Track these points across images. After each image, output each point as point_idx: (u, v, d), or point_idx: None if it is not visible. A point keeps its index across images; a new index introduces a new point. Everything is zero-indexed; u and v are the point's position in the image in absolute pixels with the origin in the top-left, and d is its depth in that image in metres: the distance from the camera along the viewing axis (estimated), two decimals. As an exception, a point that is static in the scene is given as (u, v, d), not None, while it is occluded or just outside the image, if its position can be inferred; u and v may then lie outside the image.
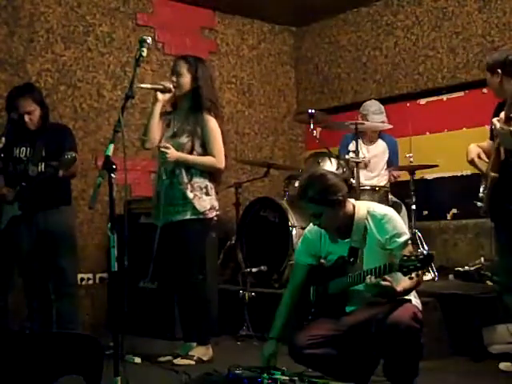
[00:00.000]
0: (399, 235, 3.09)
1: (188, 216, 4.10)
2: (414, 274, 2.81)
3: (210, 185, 4.19)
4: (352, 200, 3.25)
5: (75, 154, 4.14)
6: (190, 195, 4.10)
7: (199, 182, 4.15)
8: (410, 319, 2.93)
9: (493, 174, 3.60)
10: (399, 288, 2.96)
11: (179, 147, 4.12)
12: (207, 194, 4.17)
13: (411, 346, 2.97)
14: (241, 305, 4.89)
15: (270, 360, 3.28)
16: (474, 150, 3.80)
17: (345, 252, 3.18)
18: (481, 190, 3.75)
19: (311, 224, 3.32)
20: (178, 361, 4.10)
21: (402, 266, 2.81)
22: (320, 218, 3.13)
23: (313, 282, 3.34)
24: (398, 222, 3.15)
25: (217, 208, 4.23)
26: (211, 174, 4.22)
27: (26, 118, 4.33)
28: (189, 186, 4.11)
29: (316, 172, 3.26)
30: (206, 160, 4.15)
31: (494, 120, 3.55)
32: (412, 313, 2.96)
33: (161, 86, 4.11)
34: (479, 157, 3.73)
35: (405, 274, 2.82)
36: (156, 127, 4.18)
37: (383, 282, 2.87)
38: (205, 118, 4.14)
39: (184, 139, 4.15)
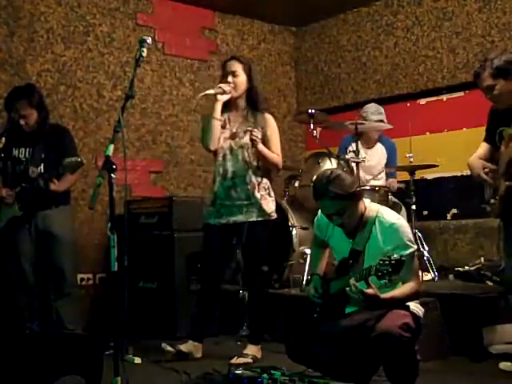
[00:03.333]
0: (405, 247, 3.01)
1: (253, 218, 4.12)
2: (387, 279, 2.80)
3: (270, 186, 4.23)
4: (364, 199, 3.23)
5: (81, 158, 4.10)
6: (258, 195, 4.12)
7: (265, 182, 4.18)
8: (399, 329, 2.89)
9: (508, 183, 3.56)
10: (386, 295, 2.94)
11: (241, 148, 4.14)
12: (269, 194, 4.20)
13: (402, 355, 2.95)
14: (241, 305, 4.89)
15: (316, 290, 3.28)
16: (477, 164, 3.74)
17: (345, 253, 3.18)
18: (486, 195, 3.74)
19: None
20: (236, 360, 4.07)
21: (378, 270, 2.80)
22: (343, 216, 3.10)
23: (320, 280, 3.34)
24: (406, 232, 3.07)
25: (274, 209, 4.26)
26: (268, 174, 4.24)
27: (22, 121, 4.36)
28: (256, 187, 4.13)
29: (329, 170, 3.23)
30: (275, 158, 4.17)
31: None
32: (402, 323, 2.92)
33: (220, 90, 4.11)
34: (484, 168, 3.70)
35: (379, 278, 2.81)
36: (218, 128, 4.15)
37: (366, 290, 2.86)
38: (266, 118, 4.17)
39: (246, 139, 4.13)
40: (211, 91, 4.13)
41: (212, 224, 4.20)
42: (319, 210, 3.38)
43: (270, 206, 4.16)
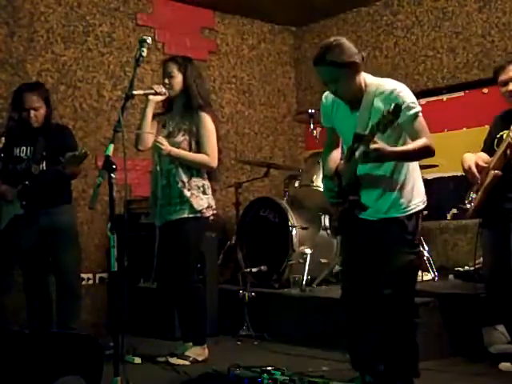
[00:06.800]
0: (409, 108, 3.01)
1: (185, 215, 4.12)
2: (391, 127, 2.80)
3: (206, 184, 4.22)
4: (365, 74, 3.22)
5: (84, 149, 4.11)
6: (187, 194, 4.12)
7: (196, 180, 4.17)
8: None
9: (495, 171, 3.61)
10: (396, 149, 2.99)
11: (175, 146, 4.16)
12: (204, 192, 4.19)
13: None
14: (241, 305, 4.90)
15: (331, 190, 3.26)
16: (471, 157, 3.81)
17: (351, 131, 3.09)
18: (473, 195, 3.77)
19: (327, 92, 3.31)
20: (174, 360, 4.10)
21: (379, 124, 2.78)
22: (337, 83, 3.12)
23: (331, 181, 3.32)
24: (408, 94, 3.08)
25: (214, 207, 4.25)
26: (208, 172, 4.25)
27: (32, 113, 4.34)
28: (186, 185, 4.13)
29: (332, 38, 3.22)
30: (199, 157, 4.16)
31: None
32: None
33: (152, 91, 4.15)
34: (477, 164, 3.74)
35: (383, 131, 2.80)
36: (148, 128, 4.21)
37: (372, 146, 2.84)
38: (200, 116, 4.17)
39: (180, 138, 4.17)
40: (140, 92, 4.16)
41: (156, 225, 4.25)
42: (323, 95, 3.36)
43: (200, 203, 4.14)
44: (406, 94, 3.08)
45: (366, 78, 3.19)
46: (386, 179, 3.12)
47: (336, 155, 3.41)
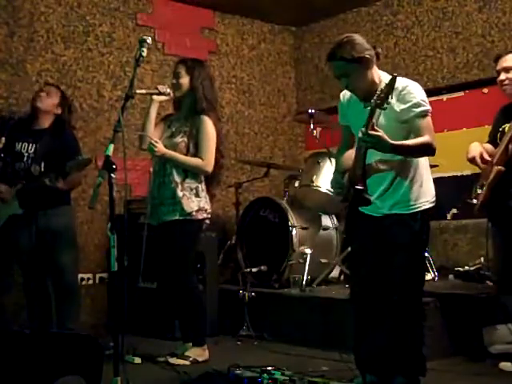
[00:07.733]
0: (417, 105, 3.08)
1: (176, 217, 4.12)
2: (387, 102, 2.89)
3: (201, 186, 4.20)
4: (380, 71, 3.27)
5: (87, 156, 4.13)
6: (180, 194, 4.12)
7: (190, 182, 4.17)
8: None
9: (499, 167, 3.61)
10: (397, 142, 2.99)
11: (173, 147, 4.15)
12: (197, 195, 4.17)
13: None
14: (241, 305, 4.90)
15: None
16: (476, 148, 3.81)
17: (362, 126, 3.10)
18: (478, 190, 3.77)
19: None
20: (174, 360, 4.10)
21: (376, 100, 2.87)
22: (348, 78, 3.16)
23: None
24: (419, 92, 3.13)
25: (208, 210, 4.22)
26: (207, 176, 4.24)
27: (42, 93, 4.40)
28: (179, 186, 4.13)
29: (344, 35, 3.27)
30: (193, 161, 4.15)
31: None
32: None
33: (156, 91, 4.17)
34: (482, 156, 3.74)
35: (381, 106, 2.87)
36: (152, 128, 4.22)
37: (372, 132, 2.89)
38: (201, 119, 4.16)
39: (178, 139, 4.18)
40: (143, 91, 4.16)
41: (151, 224, 4.25)
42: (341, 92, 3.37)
43: (190, 205, 4.12)
44: (418, 92, 3.13)
45: (381, 75, 3.24)
46: (395, 172, 3.15)
47: (350, 153, 3.41)
